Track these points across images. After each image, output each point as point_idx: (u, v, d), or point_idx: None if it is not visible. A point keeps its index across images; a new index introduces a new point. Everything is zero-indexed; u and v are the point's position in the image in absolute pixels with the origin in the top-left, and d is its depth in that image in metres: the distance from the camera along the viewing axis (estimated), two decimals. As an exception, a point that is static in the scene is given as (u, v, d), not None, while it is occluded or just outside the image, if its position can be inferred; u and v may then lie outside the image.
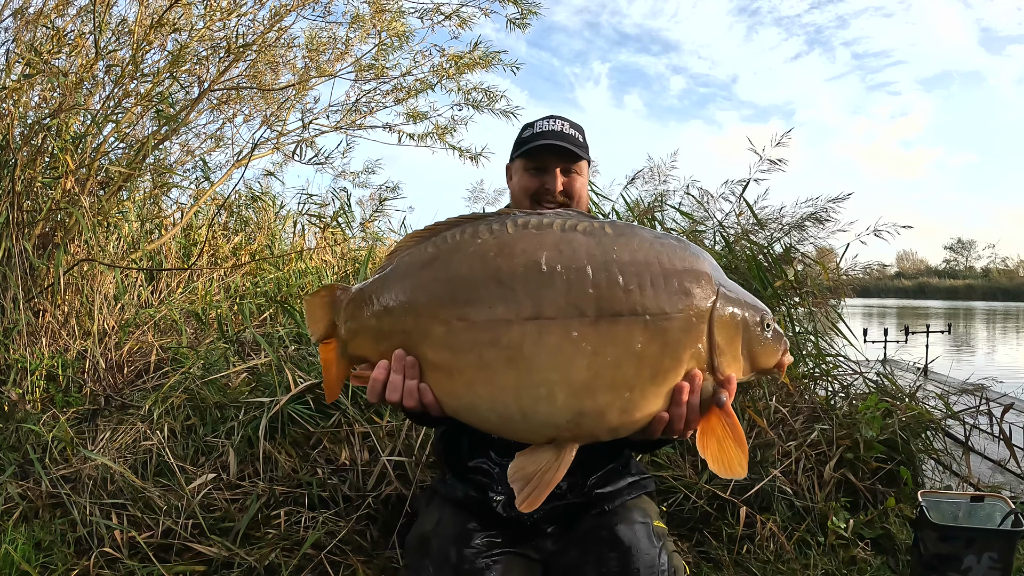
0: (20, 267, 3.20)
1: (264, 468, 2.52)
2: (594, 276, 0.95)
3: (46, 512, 2.36)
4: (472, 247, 1.00)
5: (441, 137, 4.84)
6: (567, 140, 1.61)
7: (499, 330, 0.95)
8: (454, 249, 1.01)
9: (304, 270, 4.54)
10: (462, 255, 1.00)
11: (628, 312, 0.94)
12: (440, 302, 0.99)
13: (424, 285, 1.02)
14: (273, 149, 4.66)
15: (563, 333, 0.94)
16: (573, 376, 0.94)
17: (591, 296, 0.94)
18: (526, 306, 0.95)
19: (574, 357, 0.93)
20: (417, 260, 1.04)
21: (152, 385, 3.09)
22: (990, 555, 2.19)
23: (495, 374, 0.96)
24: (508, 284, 0.96)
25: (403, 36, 4.36)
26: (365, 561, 2.26)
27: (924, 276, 61.72)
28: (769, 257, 3.32)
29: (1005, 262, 63.70)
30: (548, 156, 1.62)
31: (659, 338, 0.95)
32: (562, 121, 1.65)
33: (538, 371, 0.94)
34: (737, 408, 2.88)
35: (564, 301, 0.94)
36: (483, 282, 0.97)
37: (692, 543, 2.52)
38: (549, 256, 0.96)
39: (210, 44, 3.93)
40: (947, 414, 3.34)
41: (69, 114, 3.50)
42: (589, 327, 0.94)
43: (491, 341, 0.95)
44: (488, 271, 0.97)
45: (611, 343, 0.94)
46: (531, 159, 1.63)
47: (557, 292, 0.95)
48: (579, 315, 0.94)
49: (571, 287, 0.95)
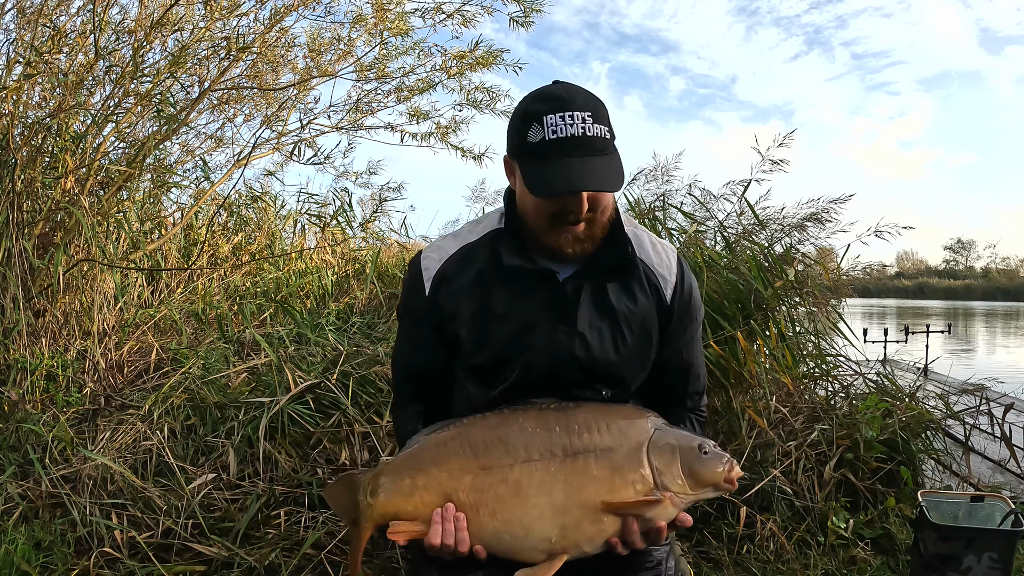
0: (20, 267, 3.20)
1: (264, 468, 2.52)
2: (559, 430, 1.33)
3: (46, 512, 2.36)
4: (482, 423, 1.38)
5: (443, 137, 4.84)
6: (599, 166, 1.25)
7: (506, 472, 1.32)
8: (469, 425, 1.39)
9: (304, 270, 4.55)
10: (476, 428, 1.38)
11: (584, 450, 1.31)
12: (466, 459, 1.35)
13: (452, 450, 1.36)
14: (273, 149, 4.65)
15: (545, 469, 1.31)
16: (554, 499, 1.30)
17: (559, 443, 1.32)
18: (520, 454, 1.32)
19: (553, 485, 1.30)
20: (442, 437, 1.39)
21: (152, 385, 3.09)
22: (990, 555, 2.19)
23: (507, 504, 1.31)
24: (509, 441, 1.33)
25: (406, 35, 4.36)
26: (365, 561, 2.26)
27: (924, 276, 61.73)
28: (770, 257, 3.32)
29: (1005, 262, 63.77)
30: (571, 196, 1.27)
31: (608, 466, 1.30)
32: (592, 124, 1.26)
33: (532, 497, 1.30)
34: (737, 408, 2.89)
35: (543, 448, 1.32)
36: (493, 442, 1.34)
37: (692, 543, 2.52)
38: (532, 423, 1.35)
39: (211, 44, 3.93)
40: (947, 414, 3.34)
41: (69, 114, 3.50)
42: (560, 463, 1.31)
43: (501, 480, 1.32)
44: (496, 435, 1.35)
45: (575, 472, 1.30)
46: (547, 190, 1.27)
47: (539, 442, 1.33)
48: (552, 456, 1.31)
49: (547, 438, 1.33)
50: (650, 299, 1.44)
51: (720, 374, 2.89)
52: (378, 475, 1.41)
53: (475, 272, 1.42)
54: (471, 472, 1.34)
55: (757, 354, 3.00)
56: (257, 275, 4.50)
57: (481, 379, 1.44)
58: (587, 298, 1.40)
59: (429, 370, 1.49)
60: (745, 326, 2.96)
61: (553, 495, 1.30)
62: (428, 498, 1.35)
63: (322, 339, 3.18)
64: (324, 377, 2.74)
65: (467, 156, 4.84)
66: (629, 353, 1.43)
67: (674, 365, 1.51)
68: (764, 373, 2.96)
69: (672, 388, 1.53)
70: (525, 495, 1.30)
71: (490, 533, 1.33)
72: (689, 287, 1.50)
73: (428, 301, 1.43)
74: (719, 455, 1.33)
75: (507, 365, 1.40)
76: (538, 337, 1.38)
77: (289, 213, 5.34)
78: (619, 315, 1.41)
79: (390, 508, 1.38)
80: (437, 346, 1.47)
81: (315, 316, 3.63)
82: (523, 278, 1.39)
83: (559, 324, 1.38)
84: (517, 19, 4.26)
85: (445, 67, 4.53)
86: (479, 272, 1.42)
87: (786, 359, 3.07)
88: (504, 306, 1.39)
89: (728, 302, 3.02)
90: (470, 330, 1.41)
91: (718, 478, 1.33)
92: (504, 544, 1.34)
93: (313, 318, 3.53)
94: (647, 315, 1.44)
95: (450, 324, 1.42)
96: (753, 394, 3.01)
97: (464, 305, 1.41)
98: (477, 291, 1.41)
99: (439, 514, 1.31)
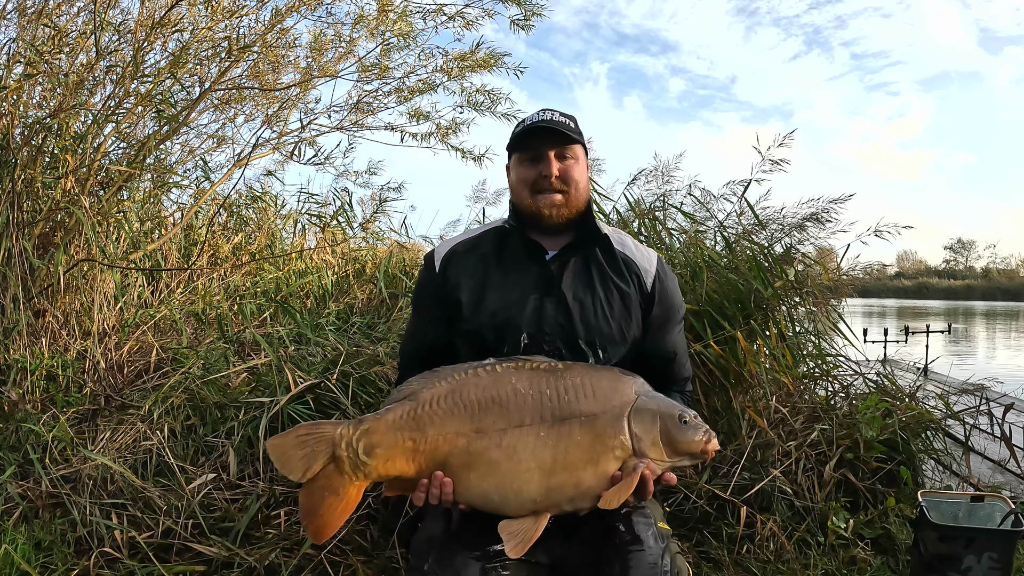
0: (20, 267, 3.20)
1: (264, 468, 2.52)
2: (550, 394, 1.39)
3: (46, 512, 2.36)
4: (476, 381, 1.41)
5: (443, 138, 4.84)
6: (557, 124, 1.63)
7: (500, 436, 1.36)
8: (464, 384, 1.42)
9: (304, 270, 4.54)
10: (470, 387, 1.41)
11: (571, 416, 1.37)
12: (462, 422, 1.38)
13: (448, 411, 1.39)
14: (273, 149, 4.65)
15: (535, 434, 1.36)
16: (543, 463, 1.35)
17: (549, 408, 1.37)
18: (514, 418, 1.37)
19: (543, 449, 1.35)
20: (437, 393, 1.42)
21: (152, 385, 3.09)
22: (990, 555, 2.19)
23: (499, 467, 1.35)
24: (503, 404, 1.38)
25: (408, 37, 4.36)
26: (365, 561, 2.26)
27: (924, 276, 61.68)
28: (770, 257, 3.31)
29: (1005, 262, 63.75)
30: (539, 140, 1.64)
31: (591, 431, 1.37)
32: (552, 111, 1.69)
33: (524, 461, 1.35)
34: (737, 408, 2.89)
35: (534, 412, 1.37)
36: (488, 405, 1.38)
37: (692, 543, 2.52)
38: (523, 385, 1.40)
39: (211, 44, 3.93)
40: (947, 414, 3.34)
41: (69, 114, 3.50)
42: (549, 428, 1.36)
43: (496, 444, 1.36)
44: (490, 397, 1.39)
45: (562, 438, 1.36)
46: (525, 149, 1.66)
47: (531, 407, 1.38)
48: (543, 421, 1.36)
49: (537, 403, 1.38)
50: (631, 285, 1.67)
51: (720, 374, 2.89)
52: (369, 432, 1.41)
53: (479, 255, 1.69)
54: (466, 436, 1.38)
55: (757, 354, 3.00)
56: (257, 275, 4.49)
57: (477, 346, 1.61)
58: (571, 274, 1.64)
59: (435, 346, 1.69)
60: (745, 326, 2.96)
61: (542, 459, 1.35)
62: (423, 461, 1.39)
63: (322, 339, 3.18)
64: (324, 377, 2.74)
65: (467, 157, 4.83)
66: (608, 325, 1.62)
67: (659, 353, 1.71)
68: (764, 373, 2.96)
69: (660, 372, 1.68)
70: (518, 459, 1.35)
71: (478, 494, 1.38)
72: (671, 281, 1.73)
73: (438, 277, 1.68)
74: (698, 425, 1.41)
75: (500, 331, 1.60)
76: (527, 306, 1.60)
77: (289, 213, 5.34)
78: (600, 290, 1.64)
79: (392, 470, 1.40)
80: (443, 321, 1.68)
81: (315, 316, 3.63)
82: (518, 260, 1.67)
83: (546, 296, 1.61)
84: (518, 22, 4.27)
85: (446, 69, 4.53)
86: (483, 255, 1.69)
87: (786, 359, 3.07)
88: (500, 280, 1.65)
89: (728, 302, 3.02)
90: (469, 297, 1.63)
91: (695, 448, 1.40)
92: (491, 504, 1.39)
93: (313, 318, 3.53)
94: (628, 297, 1.66)
95: (453, 293, 1.65)
96: (753, 394, 3.01)
97: (466, 278, 1.66)
98: (479, 267, 1.67)
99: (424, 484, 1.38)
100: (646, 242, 3.54)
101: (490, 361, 1.46)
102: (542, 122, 1.63)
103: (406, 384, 1.46)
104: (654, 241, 3.57)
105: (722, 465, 2.75)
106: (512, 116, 4.64)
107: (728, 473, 2.71)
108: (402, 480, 1.42)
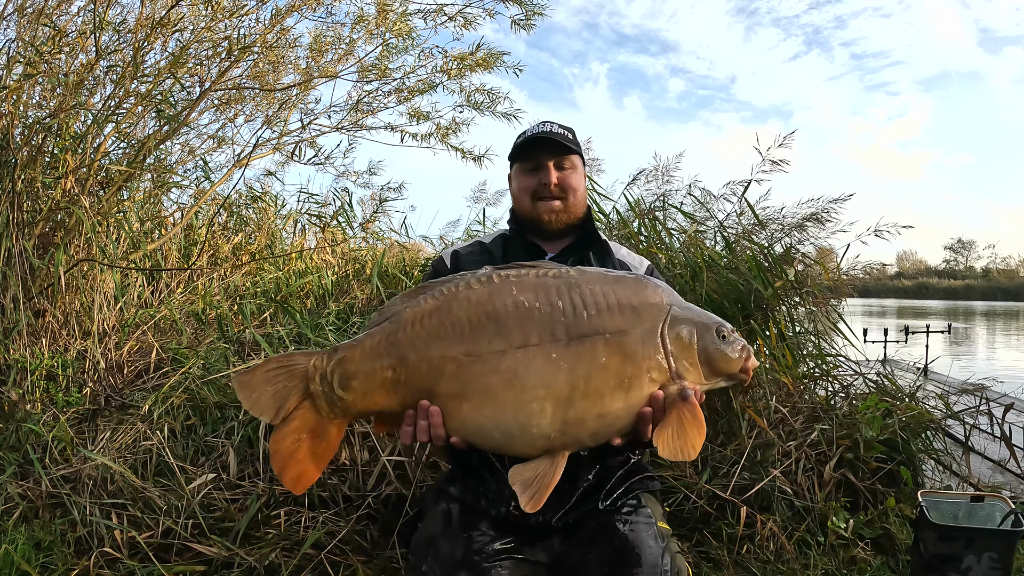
0: (20, 267, 3.20)
1: (264, 468, 2.52)
2: (564, 308, 1.16)
3: (46, 512, 2.36)
4: (468, 295, 1.19)
5: (443, 138, 4.84)
6: (556, 136, 1.69)
7: (498, 359, 1.14)
8: (452, 299, 1.20)
9: (304, 270, 4.54)
10: (460, 302, 1.19)
11: (592, 333, 1.14)
12: (449, 344, 1.17)
13: (433, 331, 1.18)
14: (273, 149, 4.65)
15: (545, 356, 1.14)
16: (556, 390, 1.13)
17: (562, 324, 1.15)
18: (516, 337, 1.15)
19: (555, 374, 1.13)
20: (421, 312, 1.21)
21: (152, 385, 3.09)
22: (990, 555, 2.19)
23: (497, 396, 1.14)
24: (502, 321, 1.16)
25: (408, 37, 4.36)
26: (365, 561, 2.26)
27: (924, 276, 61.70)
28: (770, 257, 3.32)
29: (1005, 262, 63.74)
30: (539, 151, 1.69)
31: (619, 351, 1.14)
32: (551, 124, 1.75)
33: (530, 389, 1.13)
34: (737, 408, 2.88)
35: (543, 329, 1.15)
36: (482, 323, 1.16)
37: (692, 543, 2.52)
38: (528, 297, 1.17)
39: (211, 44, 3.93)
40: (947, 414, 3.34)
41: (69, 114, 3.50)
42: (563, 348, 1.14)
43: (492, 369, 1.14)
44: (485, 313, 1.17)
45: (581, 359, 1.13)
46: (525, 159, 1.72)
47: (537, 323, 1.15)
48: (555, 340, 1.14)
49: (547, 318, 1.15)
50: None
51: (720, 374, 2.89)
52: (344, 361, 1.22)
53: (487, 255, 1.74)
54: (454, 360, 1.16)
55: (757, 354, 3.00)
56: (257, 275, 4.49)
57: None
58: None
59: None
60: (745, 326, 2.96)
61: (555, 386, 1.13)
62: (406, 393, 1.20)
63: (322, 339, 3.18)
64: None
65: (467, 157, 4.83)
66: None
67: None
68: (764, 373, 2.96)
69: None
70: (521, 387, 1.13)
71: (474, 429, 1.18)
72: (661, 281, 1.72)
73: (450, 270, 1.71)
74: (736, 340, 1.24)
75: None
76: None
77: (289, 213, 5.34)
78: None
79: (372, 404, 1.22)
80: None
81: (315, 316, 3.62)
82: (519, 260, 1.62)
83: None
84: (519, 22, 4.27)
85: (446, 68, 4.53)
86: (490, 256, 1.73)
87: (786, 359, 3.07)
88: None
89: (728, 302, 3.02)
90: None
91: (735, 367, 1.22)
92: (492, 441, 1.18)
93: (313, 318, 3.53)
94: None
95: None
96: (753, 394, 3.01)
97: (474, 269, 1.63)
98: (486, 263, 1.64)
99: (411, 416, 1.21)
100: (646, 242, 3.54)
101: (486, 271, 1.25)
102: (542, 133, 1.70)
103: (390, 304, 1.29)
104: (654, 241, 3.58)
105: (722, 465, 2.75)
106: (513, 116, 4.64)
107: (728, 473, 2.70)
108: (387, 415, 1.24)
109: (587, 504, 1.50)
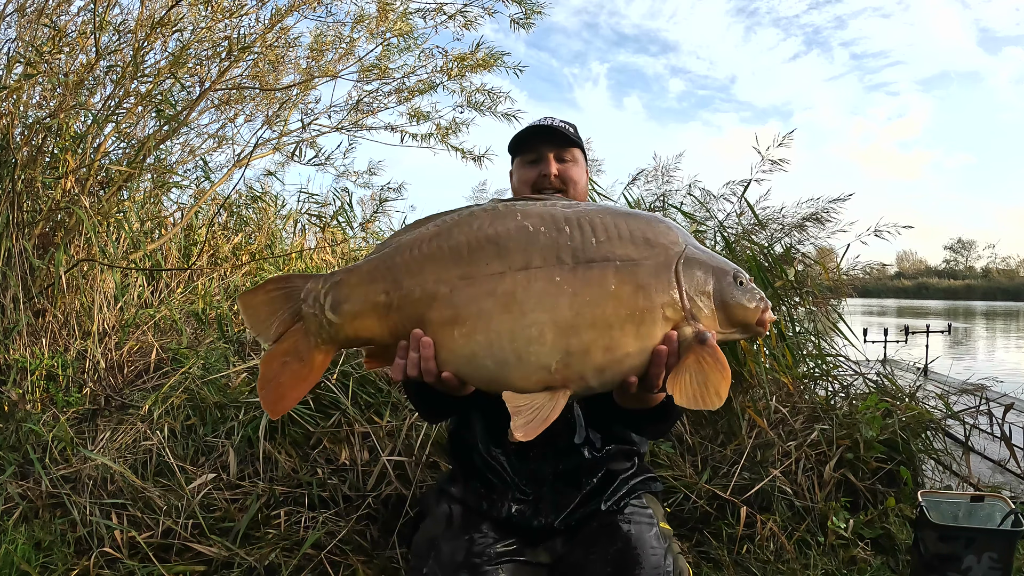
0: (20, 267, 3.20)
1: (264, 468, 2.52)
2: (571, 232, 1.08)
3: (46, 512, 2.36)
4: (470, 221, 1.13)
5: (443, 138, 4.84)
6: (556, 128, 1.68)
7: (495, 282, 1.06)
8: (454, 225, 1.13)
9: (304, 270, 4.54)
10: (461, 228, 1.12)
11: (600, 259, 1.06)
12: (444, 267, 1.10)
13: (429, 255, 1.12)
14: (274, 149, 4.65)
15: (548, 279, 1.05)
16: (559, 316, 1.03)
17: (569, 247, 1.07)
18: (517, 259, 1.07)
19: (558, 298, 1.04)
20: (420, 238, 1.14)
21: (152, 385, 3.09)
22: (990, 555, 2.19)
23: (492, 320, 1.05)
24: (502, 243, 1.08)
25: (408, 36, 4.36)
26: (365, 561, 2.26)
27: (924, 276, 61.76)
28: (770, 257, 3.32)
29: (1005, 262, 63.76)
30: (539, 142, 1.67)
31: (630, 280, 1.05)
32: (551, 118, 1.74)
33: (529, 313, 1.04)
34: (737, 408, 2.88)
35: (547, 252, 1.07)
36: (481, 245, 1.09)
37: (692, 543, 2.52)
38: (534, 221, 1.10)
39: (211, 44, 3.93)
40: (947, 414, 3.34)
41: (69, 114, 3.50)
42: (569, 272, 1.05)
43: (488, 292, 1.06)
44: (484, 236, 1.10)
45: (588, 285, 1.04)
46: (526, 151, 1.69)
47: (541, 245, 1.07)
48: (560, 263, 1.06)
49: (553, 241, 1.08)
50: None
51: (720, 374, 2.89)
52: (339, 284, 1.16)
53: None
54: (448, 283, 1.08)
55: (757, 354, 3.00)
56: (257, 275, 4.50)
57: None
58: None
59: None
60: (745, 326, 2.96)
61: (558, 311, 1.03)
62: (397, 319, 1.12)
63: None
64: (324, 377, 2.74)
65: (467, 157, 4.84)
66: None
67: None
68: (764, 373, 2.96)
69: None
70: (520, 310, 1.04)
71: (465, 358, 1.08)
72: None
73: None
74: (754, 289, 1.14)
75: None
76: None
77: (289, 213, 5.35)
78: None
79: (362, 331, 1.15)
80: None
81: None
82: None
83: None
84: (518, 21, 4.28)
85: (446, 68, 4.54)
86: None
87: (786, 359, 3.07)
88: None
89: (728, 302, 3.02)
90: None
91: (752, 317, 1.12)
92: (484, 371, 1.08)
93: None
94: None
95: None
96: (753, 394, 3.01)
97: None
98: None
99: (403, 348, 1.13)
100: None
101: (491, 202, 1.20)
102: (542, 126, 1.68)
103: (394, 233, 1.24)
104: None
105: (722, 465, 2.75)
106: (512, 116, 4.65)
107: (728, 473, 2.70)
108: (377, 346, 1.17)
109: (590, 506, 1.50)
